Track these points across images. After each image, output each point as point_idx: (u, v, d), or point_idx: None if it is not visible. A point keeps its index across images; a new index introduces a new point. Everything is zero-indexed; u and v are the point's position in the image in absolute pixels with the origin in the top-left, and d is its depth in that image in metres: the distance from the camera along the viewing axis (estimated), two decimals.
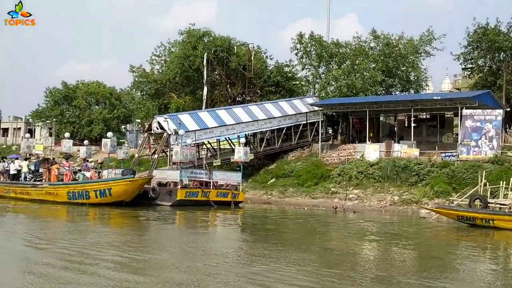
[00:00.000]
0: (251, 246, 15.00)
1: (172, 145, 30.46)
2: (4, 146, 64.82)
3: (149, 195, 28.28)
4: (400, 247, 16.14)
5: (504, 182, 23.73)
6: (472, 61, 42.82)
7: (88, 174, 27.62)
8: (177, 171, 28.47)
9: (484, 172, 24.77)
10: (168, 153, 32.79)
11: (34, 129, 70.52)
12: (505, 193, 23.50)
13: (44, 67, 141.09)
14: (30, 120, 71.41)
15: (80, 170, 28.27)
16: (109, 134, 30.77)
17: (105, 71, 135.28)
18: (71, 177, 27.12)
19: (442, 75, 69.15)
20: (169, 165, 31.69)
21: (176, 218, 24.09)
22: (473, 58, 42.33)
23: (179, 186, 27.88)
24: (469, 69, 47.60)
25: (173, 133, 29.92)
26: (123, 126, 67.84)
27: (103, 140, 30.99)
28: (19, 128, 70.75)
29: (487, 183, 24.00)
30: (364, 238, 18.27)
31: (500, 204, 22.00)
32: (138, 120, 58.08)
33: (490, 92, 36.80)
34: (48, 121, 66.59)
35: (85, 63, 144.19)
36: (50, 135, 64.45)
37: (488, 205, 22.15)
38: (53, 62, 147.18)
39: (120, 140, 32.50)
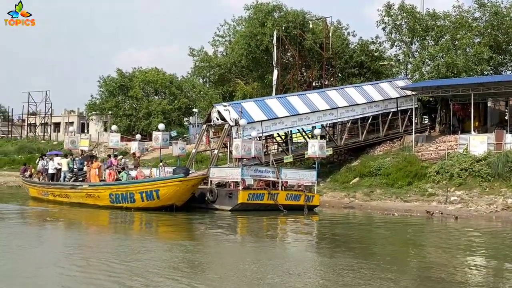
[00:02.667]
0: (333, 264, 13.44)
1: (234, 138, 29.16)
2: (56, 142, 66.05)
3: (206, 198, 27.47)
4: None
5: None
6: None
7: (133, 173, 26.73)
8: (238, 169, 27.33)
9: None
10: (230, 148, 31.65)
11: (88, 123, 71.66)
12: None
13: (101, 57, 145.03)
14: (84, 113, 72.57)
15: (123, 169, 27.37)
16: (161, 126, 29.97)
17: (166, 58, 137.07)
18: (115, 176, 26.29)
19: None
20: (229, 162, 30.41)
21: (237, 227, 22.95)
22: None
23: (240, 187, 26.90)
24: None
25: (234, 124, 28.58)
26: (185, 119, 67.89)
27: (154, 134, 30.40)
28: (72, 123, 72.04)
29: None
30: (475, 254, 16.04)
31: None
32: (195, 110, 57.59)
33: None
34: (103, 114, 67.35)
35: (143, 50, 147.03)
36: (105, 130, 65.12)
37: None
38: (110, 51, 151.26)
39: (173, 135, 31.21)
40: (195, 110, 58.25)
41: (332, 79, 47.51)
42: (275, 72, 45.55)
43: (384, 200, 32.35)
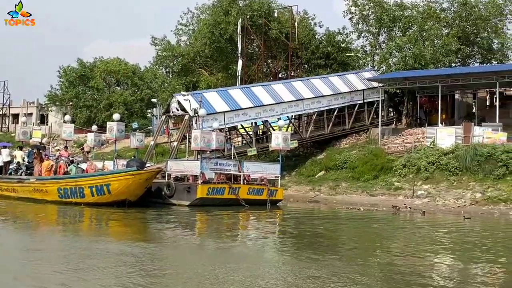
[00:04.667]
0: (297, 264, 12.41)
1: (194, 129, 27.95)
2: (14, 134, 63.83)
3: (163, 193, 26.31)
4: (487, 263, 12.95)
5: None
6: None
7: (84, 166, 25.28)
8: (197, 162, 26.17)
9: None
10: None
11: (47, 115, 69.55)
12: None
13: (67, 48, 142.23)
14: (44, 104, 70.48)
15: (72, 162, 25.88)
16: (116, 116, 28.67)
17: (135, 51, 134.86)
18: (65, 170, 24.81)
19: None
20: (189, 154, 29.20)
21: (195, 225, 21.67)
22: None
23: (199, 181, 25.77)
24: None
25: (194, 114, 27.39)
26: (148, 111, 66.36)
27: (108, 124, 28.95)
28: (30, 114, 69.89)
29: None
30: (440, 250, 15.17)
31: None
32: (154, 100, 56.22)
33: None
34: (62, 105, 65.41)
35: (114, 41, 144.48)
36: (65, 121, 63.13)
37: None
38: (77, 42, 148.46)
39: (135, 127, 29.98)
40: (154, 100, 56.83)
41: (298, 70, 46.82)
42: (240, 62, 44.55)
43: (350, 194, 31.83)
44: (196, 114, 28.03)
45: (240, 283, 10.01)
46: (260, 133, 37.80)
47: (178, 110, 30.79)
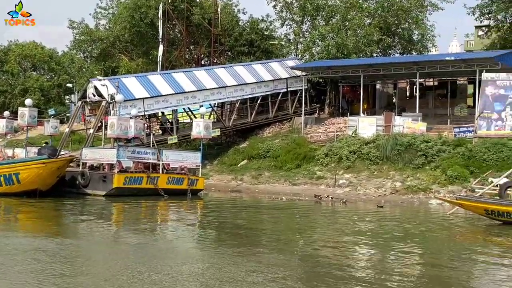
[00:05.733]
0: (218, 257, 11.86)
1: (110, 116, 26.87)
2: None
3: (77, 182, 25.23)
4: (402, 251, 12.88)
5: None
6: (489, 15, 39.90)
7: None
8: (113, 150, 25.26)
9: None
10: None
11: None
12: None
13: None
14: None
15: None
16: (28, 101, 27.24)
17: (50, 37, 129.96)
18: None
19: (450, 36, 66.51)
20: (105, 142, 28.12)
21: (111, 216, 20.70)
22: (491, 12, 39.31)
23: (116, 170, 24.81)
24: (484, 27, 44.69)
25: (111, 100, 26.31)
26: (66, 97, 64.20)
27: (20, 110, 27.48)
28: None
29: None
30: (359, 240, 14.94)
31: None
32: (70, 85, 54.42)
33: None
34: None
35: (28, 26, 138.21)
36: None
37: None
38: None
39: (51, 113, 28.75)
40: (69, 85, 54.94)
41: (221, 57, 46.21)
42: (161, 48, 43.49)
43: (273, 183, 31.56)
44: (113, 100, 26.88)
45: (161, 283, 9.29)
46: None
47: (94, 95, 29.67)
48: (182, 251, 12.74)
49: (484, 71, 30.73)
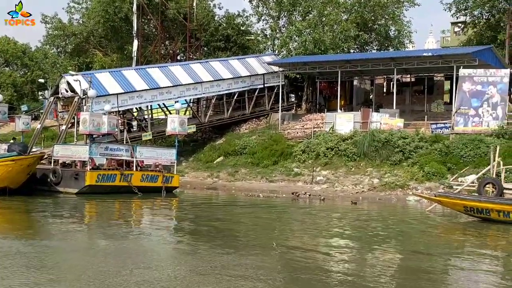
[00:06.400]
0: (195, 256, 11.62)
1: (83, 112, 26.34)
2: None
3: (49, 180, 24.74)
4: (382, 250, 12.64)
5: None
6: (466, 11, 39.94)
7: None
8: (86, 146, 24.76)
9: (498, 147, 21.29)
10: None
11: None
12: None
13: None
14: None
15: None
16: None
17: (24, 32, 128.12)
18: None
19: (426, 33, 66.67)
20: (77, 139, 27.58)
21: (83, 215, 20.10)
22: (467, 8, 39.35)
23: (88, 167, 24.37)
24: (460, 24, 44.76)
25: (82, 95, 25.79)
26: (40, 93, 63.23)
27: None
28: None
29: (501, 162, 20.52)
30: (337, 238, 14.69)
31: None
32: (42, 80, 53.58)
33: (493, 48, 34.03)
34: None
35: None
36: None
37: (504, 191, 18.79)
38: None
39: (24, 109, 28.15)
40: (41, 80, 54.09)
41: (197, 52, 45.72)
42: (135, 43, 42.82)
43: (249, 180, 31.27)
44: (86, 96, 26.29)
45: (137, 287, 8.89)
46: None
47: (67, 91, 29.11)
48: (156, 253, 12.24)
49: (461, 67, 30.75)
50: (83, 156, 24.62)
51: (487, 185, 19.20)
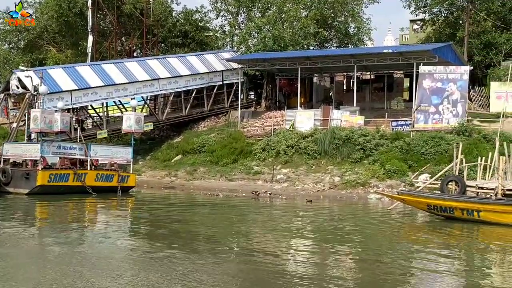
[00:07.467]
0: (152, 261, 10.94)
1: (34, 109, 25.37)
2: None
3: None
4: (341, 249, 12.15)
5: (483, 159, 20.44)
6: (425, 9, 40.01)
7: None
8: (37, 145, 23.93)
9: (461, 144, 21.18)
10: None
11: None
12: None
13: None
14: None
15: None
16: None
17: None
18: None
19: (385, 31, 67.00)
20: (27, 137, 26.64)
21: (35, 217, 19.17)
22: (426, 5, 39.45)
23: (40, 167, 23.58)
24: (419, 21, 44.94)
25: (34, 92, 24.86)
26: None
27: None
28: None
29: (463, 159, 20.40)
30: (297, 237, 14.27)
31: (485, 189, 18.39)
32: None
33: (452, 45, 34.14)
34: None
35: None
36: None
37: (467, 189, 18.62)
38: None
39: None
40: None
41: (154, 49, 44.69)
42: (90, 39, 41.58)
43: (208, 179, 30.80)
44: (37, 92, 25.33)
45: None
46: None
47: (18, 87, 28.39)
48: (113, 259, 11.50)
49: (421, 64, 30.72)
50: (34, 155, 23.86)
51: (450, 183, 19.02)
